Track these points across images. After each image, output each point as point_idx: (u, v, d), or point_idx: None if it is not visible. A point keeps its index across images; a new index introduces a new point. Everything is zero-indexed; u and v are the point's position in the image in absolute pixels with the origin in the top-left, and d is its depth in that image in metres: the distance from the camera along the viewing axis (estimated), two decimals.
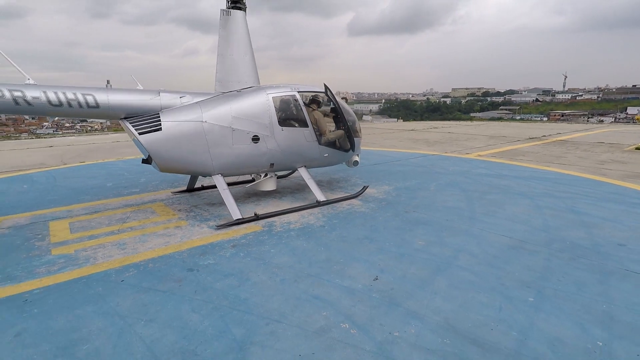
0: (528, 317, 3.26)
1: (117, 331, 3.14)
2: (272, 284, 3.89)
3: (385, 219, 5.90)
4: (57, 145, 16.28)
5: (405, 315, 3.30)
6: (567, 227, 5.39)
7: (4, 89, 4.75)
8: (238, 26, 6.36)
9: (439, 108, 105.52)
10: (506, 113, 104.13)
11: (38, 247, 4.96)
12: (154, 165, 5.84)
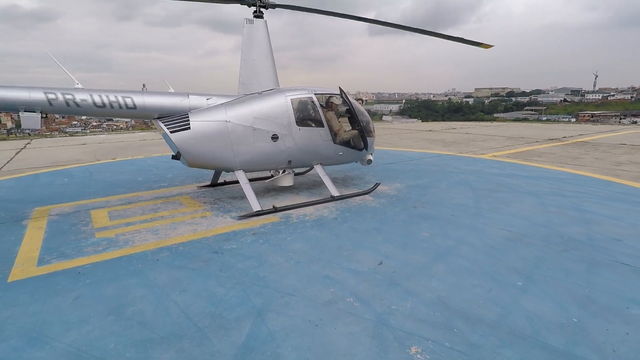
0: (514, 297, 3.67)
1: (156, 298, 3.74)
2: (287, 266, 4.43)
3: (394, 213, 6.36)
4: (89, 143, 17.43)
5: (403, 293, 3.77)
6: (567, 224, 5.71)
7: (57, 92, 5.48)
8: (260, 34, 6.95)
9: (461, 108, 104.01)
10: (531, 114, 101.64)
11: (83, 231, 5.68)
12: (183, 160, 6.50)
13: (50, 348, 3.01)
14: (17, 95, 5.29)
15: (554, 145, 14.58)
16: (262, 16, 7.07)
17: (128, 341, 3.09)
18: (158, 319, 3.38)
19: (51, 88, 5.48)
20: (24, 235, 5.53)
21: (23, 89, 5.35)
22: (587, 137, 17.13)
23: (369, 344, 3.02)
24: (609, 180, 8.59)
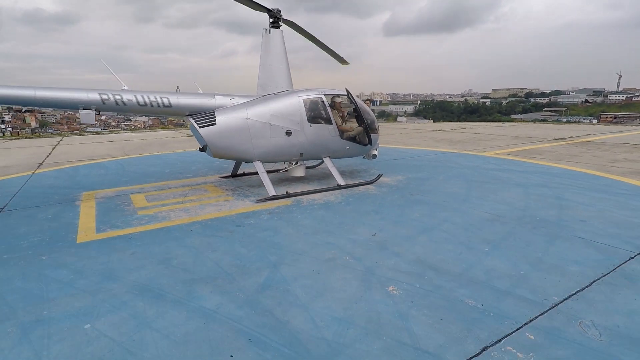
0: (478, 258, 4.61)
1: (193, 255, 4.82)
2: (297, 235, 5.46)
3: (392, 199, 7.32)
4: (116, 140, 18.88)
5: (390, 254, 4.75)
6: (543, 208, 6.57)
7: (109, 93, 6.66)
8: (276, 42, 8.02)
9: (477, 109, 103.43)
10: (551, 115, 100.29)
11: (127, 210, 6.84)
12: (208, 152, 7.61)
13: (120, 283, 4.10)
14: (77, 96, 6.48)
15: (557, 145, 15.23)
16: (278, 26, 8.13)
17: (176, 280, 4.16)
18: (196, 267, 4.46)
19: (104, 90, 6.66)
20: (79, 212, 6.72)
21: (82, 91, 6.54)
22: (594, 137, 17.64)
23: (357, 285, 4.01)
24: (598, 175, 9.34)
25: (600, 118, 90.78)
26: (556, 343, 3.03)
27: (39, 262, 4.64)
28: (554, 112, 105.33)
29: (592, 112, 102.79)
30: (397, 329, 3.24)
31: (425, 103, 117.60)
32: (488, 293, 3.81)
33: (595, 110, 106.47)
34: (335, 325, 3.31)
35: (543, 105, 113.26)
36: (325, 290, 3.90)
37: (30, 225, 6.05)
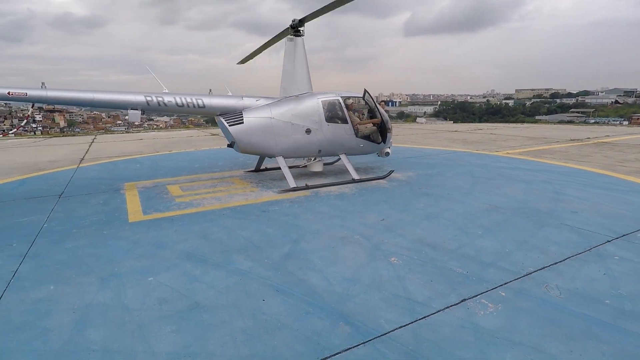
0: (471, 239, 5.37)
1: (227, 232, 5.77)
2: (315, 219, 6.34)
3: (401, 192, 8.11)
4: (145, 139, 20.25)
5: (394, 235, 5.57)
6: (540, 201, 7.23)
7: (153, 95, 7.72)
8: (298, 49, 8.92)
9: (500, 110, 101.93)
10: (578, 116, 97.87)
11: (166, 197, 7.88)
12: (236, 147, 8.59)
13: (170, 251, 5.07)
14: (127, 98, 7.56)
15: (571, 145, 15.59)
16: (300, 35, 9.04)
17: (215, 250, 5.11)
18: (230, 241, 5.40)
19: (149, 92, 7.72)
20: (125, 199, 7.80)
21: (130, 94, 7.63)
22: (612, 139, 17.84)
23: (364, 256, 4.86)
24: (603, 173, 9.85)
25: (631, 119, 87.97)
26: (522, 298, 3.80)
27: (102, 236, 5.68)
28: (581, 113, 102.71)
29: (623, 114, 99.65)
30: (395, 286, 4.07)
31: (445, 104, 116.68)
32: (474, 264, 4.58)
33: (626, 111, 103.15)
34: (345, 283, 4.16)
35: (569, 107, 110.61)
36: (338, 260, 4.76)
37: (87, 208, 7.16)
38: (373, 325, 3.39)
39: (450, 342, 3.14)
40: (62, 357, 3.01)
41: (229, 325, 3.41)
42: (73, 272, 4.49)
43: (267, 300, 3.83)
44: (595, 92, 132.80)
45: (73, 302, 3.81)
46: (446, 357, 2.97)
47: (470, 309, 3.63)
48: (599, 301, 3.73)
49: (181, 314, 3.60)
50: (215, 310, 3.65)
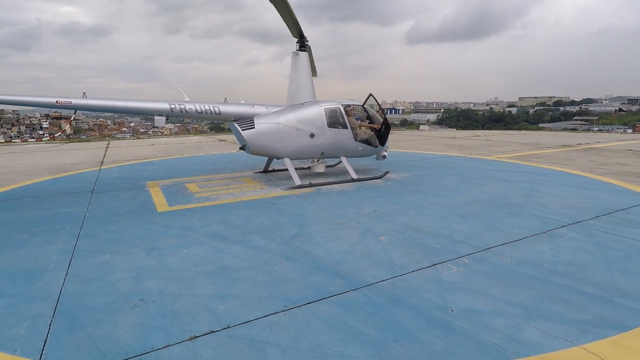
0: (449, 225, 6.44)
1: (242, 219, 6.87)
2: (317, 209, 7.44)
3: (394, 189, 9.20)
4: (157, 144, 21.48)
5: (385, 221, 6.65)
6: (516, 196, 8.29)
7: (176, 103, 8.89)
8: (303, 62, 10.10)
9: (503, 118, 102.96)
10: (581, 124, 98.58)
11: (186, 193, 9.01)
12: (247, 149, 9.72)
13: (197, 232, 6.18)
14: (153, 106, 8.74)
15: (560, 151, 16.63)
16: (305, 49, 10.22)
17: (234, 232, 6.20)
18: (247, 225, 6.49)
19: (172, 101, 8.90)
20: (150, 195, 8.93)
21: (156, 102, 8.80)
22: (601, 144, 18.85)
23: (358, 236, 5.94)
24: (580, 174, 10.89)
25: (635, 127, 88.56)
26: (480, 263, 4.87)
27: (138, 222, 6.80)
28: (584, 121, 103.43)
29: (627, 121, 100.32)
30: (381, 256, 5.15)
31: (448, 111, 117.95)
32: (447, 242, 5.65)
33: (630, 119, 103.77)
34: (341, 254, 5.24)
35: (573, 114, 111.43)
36: (336, 238, 5.85)
37: (119, 201, 8.29)
38: (361, 279, 4.46)
39: (419, 289, 4.20)
40: (129, 297, 4.10)
41: (251, 279, 4.49)
42: (121, 246, 5.60)
43: (279, 265, 4.91)
44: (598, 100, 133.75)
45: (127, 265, 4.92)
46: (414, 297, 4.03)
47: (438, 270, 4.69)
48: (539, 265, 4.79)
49: (213, 272, 4.69)
50: (239, 271, 4.74)
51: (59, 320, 3.65)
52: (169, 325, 3.56)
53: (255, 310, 3.80)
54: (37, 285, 4.37)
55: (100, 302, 4.00)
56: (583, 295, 4.05)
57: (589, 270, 4.63)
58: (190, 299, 4.05)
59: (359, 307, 3.85)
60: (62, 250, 5.43)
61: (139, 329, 3.50)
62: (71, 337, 3.39)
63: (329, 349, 3.21)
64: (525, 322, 3.56)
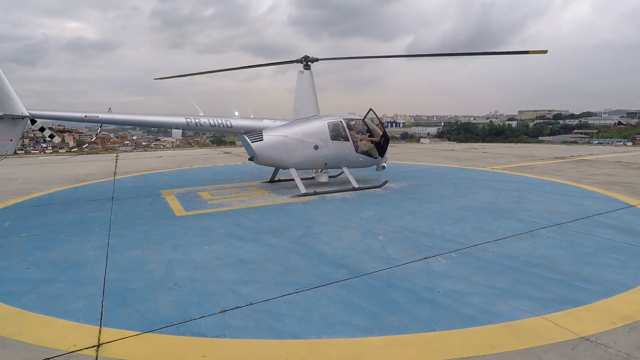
0: (441, 226, 7.19)
1: (255, 222, 7.63)
2: (322, 214, 8.20)
3: (392, 197, 9.97)
4: (164, 156, 22.36)
5: (383, 223, 7.40)
6: (504, 203, 9.05)
7: (191, 118, 9.75)
8: (307, 80, 11.00)
9: (503, 131, 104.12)
10: (581, 137, 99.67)
11: (200, 200, 9.80)
12: (256, 160, 10.53)
13: (215, 233, 6.94)
14: (171, 120, 9.59)
15: (553, 162, 17.43)
16: (309, 68, 11.14)
17: (248, 232, 6.96)
18: (259, 227, 7.25)
19: (188, 115, 9.75)
20: (167, 201, 9.71)
21: (173, 116, 9.66)
22: (594, 157, 19.66)
23: (359, 236, 6.69)
24: (568, 184, 11.66)
25: (635, 140, 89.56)
26: (465, 257, 5.61)
27: (160, 224, 7.56)
28: (584, 134, 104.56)
29: (627, 134, 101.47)
30: (379, 251, 5.89)
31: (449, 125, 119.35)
32: (439, 240, 6.40)
33: (629, 132, 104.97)
34: (344, 250, 5.99)
35: (573, 127, 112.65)
36: (340, 237, 6.60)
37: (139, 207, 9.07)
38: (362, 269, 5.20)
39: (411, 276, 4.94)
40: (164, 282, 4.84)
41: (267, 269, 5.24)
42: (150, 243, 6.36)
43: (290, 258, 5.66)
44: (598, 114, 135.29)
45: (158, 258, 5.67)
46: (407, 282, 4.77)
47: (428, 262, 5.44)
48: (517, 258, 5.53)
49: (233, 264, 5.44)
50: (256, 262, 5.49)
51: (109, 298, 4.40)
52: (202, 302, 4.30)
53: (273, 292, 4.54)
54: (84, 274, 5.12)
55: (140, 286, 4.75)
56: (550, 280, 4.78)
57: (559, 262, 5.37)
58: (217, 284, 4.79)
59: (360, 289, 4.59)
60: (98, 247, 6.19)
61: (177, 305, 4.23)
62: (122, 310, 4.13)
63: (335, 319, 3.94)
64: (498, 299, 4.29)
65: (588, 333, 3.59)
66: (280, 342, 3.53)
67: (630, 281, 4.73)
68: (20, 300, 4.37)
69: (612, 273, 4.98)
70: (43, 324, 3.86)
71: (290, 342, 3.54)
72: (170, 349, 3.44)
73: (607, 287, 4.56)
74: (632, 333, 3.59)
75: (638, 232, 6.71)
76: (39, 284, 4.82)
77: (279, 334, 3.67)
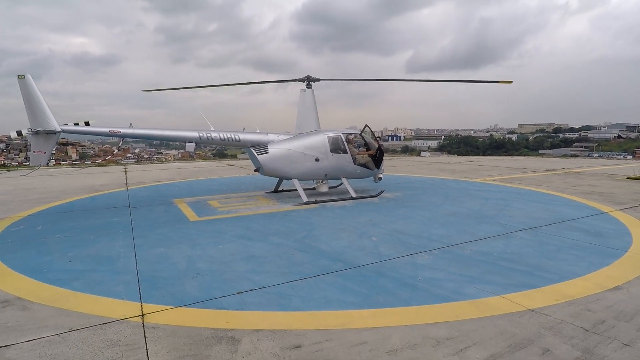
0: (428, 229, 8.10)
1: (262, 225, 8.56)
2: (322, 219, 9.13)
3: (387, 205, 10.91)
4: (171, 168, 23.38)
5: (377, 227, 8.33)
6: (489, 210, 9.97)
7: (203, 132, 10.77)
8: (309, 97, 12.06)
9: (503, 144, 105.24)
10: (582, 150, 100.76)
11: (210, 207, 10.74)
12: (262, 171, 11.51)
13: (227, 234, 7.86)
14: (185, 134, 10.62)
15: (543, 174, 18.38)
16: (311, 87, 12.21)
17: (257, 234, 7.88)
18: (266, 230, 8.17)
19: (200, 129, 10.78)
20: (180, 209, 10.65)
21: (187, 131, 10.69)
22: (583, 169, 20.60)
23: (355, 237, 7.60)
24: (552, 193, 12.58)
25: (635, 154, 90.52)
26: (446, 253, 6.52)
27: (177, 228, 8.49)
28: (584, 147, 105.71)
29: (627, 148, 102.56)
30: (372, 249, 6.80)
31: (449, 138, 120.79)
32: (426, 240, 7.31)
33: (629, 145, 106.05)
34: (341, 248, 6.90)
35: (573, 141, 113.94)
36: (338, 238, 7.52)
37: (155, 213, 10.01)
38: (356, 263, 6.11)
39: (398, 268, 5.85)
40: (188, 272, 5.74)
41: (275, 262, 6.15)
42: (170, 242, 7.28)
43: (294, 254, 6.57)
44: (597, 127, 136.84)
45: (180, 254, 6.58)
46: (393, 272, 5.67)
47: (413, 257, 6.35)
48: (490, 254, 6.44)
49: (245, 258, 6.35)
50: (265, 257, 6.40)
51: (144, 283, 5.31)
52: (221, 286, 5.21)
53: (280, 279, 5.45)
54: (118, 266, 6.04)
55: (168, 274, 5.66)
56: (514, 270, 5.69)
57: (526, 257, 6.27)
58: (233, 273, 5.70)
59: (354, 277, 5.50)
60: (126, 245, 7.12)
61: (201, 288, 5.14)
62: (156, 292, 5.04)
63: (332, 297, 4.84)
64: (468, 284, 5.19)
65: (535, 307, 4.48)
66: (287, 313, 4.43)
67: (582, 271, 5.63)
68: (70, 284, 5.29)
69: (568, 265, 5.88)
70: (94, 301, 4.78)
71: (296, 313, 4.44)
72: (200, 318, 4.34)
73: (560, 275, 5.46)
74: (570, 307, 4.48)
75: (601, 234, 7.62)
76: (83, 273, 5.74)
77: (286, 307, 4.57)
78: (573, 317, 4.22)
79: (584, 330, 3.95)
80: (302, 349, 3.68)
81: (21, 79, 8.57)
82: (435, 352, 3.60)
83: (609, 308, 4.44)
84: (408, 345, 3.71)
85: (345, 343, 3.77)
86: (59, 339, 3.87)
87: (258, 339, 3.86)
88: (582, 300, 4.66)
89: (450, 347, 3.67)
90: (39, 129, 8.85)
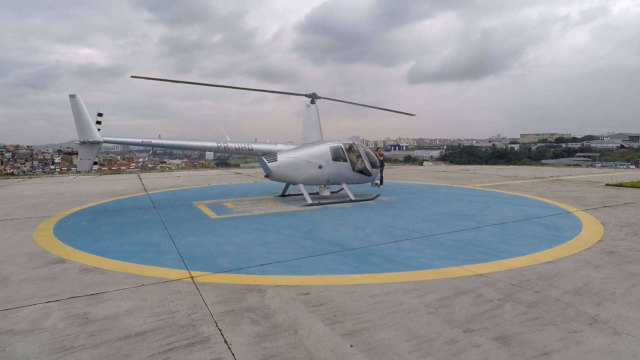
0: (413, 225, 9.73)
1: (273, 222, 10.22)
2: (324, 217, 10.79)
3: (382, 206, 12.55)
4: (182, 176, 25.13)
5: (370, 223, 9.96)
6: (470, 210, 11.59)
7: (221, 142, 12.49)
8: (314, 112, 13.81)
9: (505, 154, 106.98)
10: (584, 160, 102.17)
11: (226, 208, 12.42)
12: (271, 177, 13.21)
13: (244, 228, 9.51)
14: (205, 144, 12.35)
15: (530, 182, 19.98)
16: (315, 102, 13.97)
17: (270, 228, 9.53)
18: (277, 224, 9.82)
19: (219, 140, 12.51)
20: (200, 209, 12.32)
21: (207, 141, 12.42)
22: (571, 177, 22.18)
23: (351, 230, 9.24)
24: (531, 197, 14.19)
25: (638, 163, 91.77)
26: (424, 241, 8.14)
27: (201, 223, 10.16)
28: (587, 157, 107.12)
29: (629, 158, 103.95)
30: (364, 238, 8.43)
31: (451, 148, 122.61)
32: (410, 232, 8.94)
33: (632, 155, 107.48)
34: (340, 237, 8.53)
35: (575, 151, 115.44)
36: (337, 231, 9.16)
37: (179, 213, 11.69)
38: (351, 246, 7.74)
39: (384, 250, 7.48)
40: (218, 252, 7.39)
41: (286, 247, 7.79)
42: (199, 234, 8.94)
43: (302, 241, 8.22)
44: (600, 137, 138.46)
45: (209, 241, 8.23)
46: (380, 252, 7.29)
47: (397, 243, 7.97)
48: (461, 241, 8.06)
49: (263, 244, 8.00)
50: (278, 243, 8.05)
51: (186, 260, 6.95)
52: (247, 261, 6.85)
53: (292, 257, 7.08)
54: (162, 249, 7.70)
55: (203, 254, 7.31)
56: (476, 252, 7.31)
57: (488, 243, 7.89)
58: (254, 253, 7.34)
59: (348, 256, 7.13)
60: (163, 235, 8.78)
61: (231, 262, 6.78)
62: (197, 264, 6.68)
63: (332, 268, 6.47)
64: (437, 260, 6.81)
65: (482, 272, 6.10)
66: (298, 276, 6.06)
67: (527, 252, 7.24)
68: (130, 259, 6.95)
69: (519, 248, 7.50)
70: (153, 270, 6.42)
71: (305, 276, 6.08)
72: (234, 278, 5.98)
73: (509, 254, 7.08)
74: (507, 272, 6.10)
75: (557, 228, 9.23)
76: (136, 253, 7.40)
77: (297, 273, 6.20)
78: (507, 278, 5.84)
79: (511, 285, 5.57)
80: (309, 295, 5.31)
81: (72, 98, 10.35)
82: (403, 296, 5.22)
83: (537, 273, 6.06)
84: (384, 293, 5.34)
85: (341, 292, 5.40)
86: (137, 289, 5.52)
87: (278, 289, 5.50)
88: (518, 269, 6.28)
89: (414, 293, 5.30)
90: (85, 139, 10.59)
